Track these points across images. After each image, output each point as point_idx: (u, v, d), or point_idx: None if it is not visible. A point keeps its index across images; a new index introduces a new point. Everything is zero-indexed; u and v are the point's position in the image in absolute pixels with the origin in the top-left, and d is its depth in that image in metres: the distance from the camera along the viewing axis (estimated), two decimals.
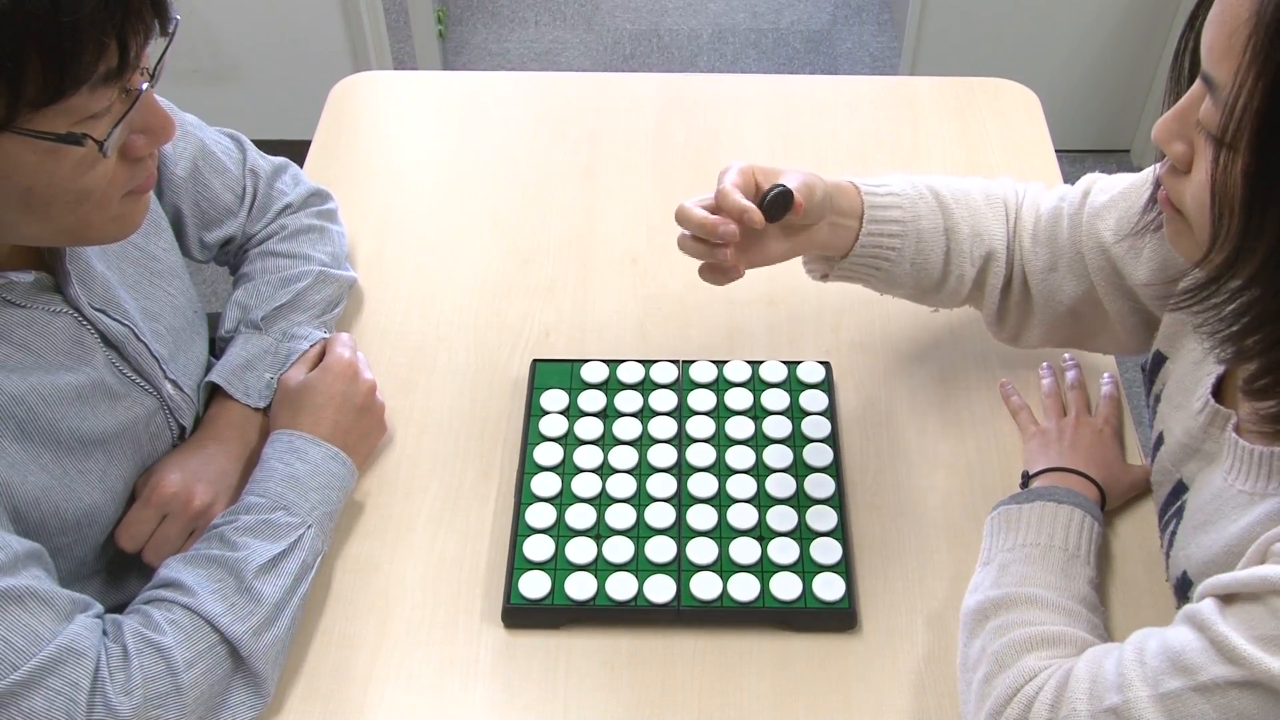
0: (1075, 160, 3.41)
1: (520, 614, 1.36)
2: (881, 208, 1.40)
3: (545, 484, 1.45)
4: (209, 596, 1.20)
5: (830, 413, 1.53)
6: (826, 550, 1.39)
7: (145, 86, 1.10)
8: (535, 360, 1.60)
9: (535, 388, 1.56)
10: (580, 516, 1.42)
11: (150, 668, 1.14)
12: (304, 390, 1.41)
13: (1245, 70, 0.92)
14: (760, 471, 1.47)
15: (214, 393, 1.46)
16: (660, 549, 1.39)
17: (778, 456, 1.48)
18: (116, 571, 1.39)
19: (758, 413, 1.53)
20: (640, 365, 1.58)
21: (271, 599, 1.23)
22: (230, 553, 1.24)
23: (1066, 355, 1.59)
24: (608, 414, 1.54)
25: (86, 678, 1.11)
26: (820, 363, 1.58)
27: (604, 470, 1.47)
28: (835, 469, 1.47)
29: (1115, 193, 1.38)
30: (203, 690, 1.17)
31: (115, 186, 1.14)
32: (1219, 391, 1.22)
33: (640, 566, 1.38)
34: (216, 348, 1.53)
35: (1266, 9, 0.90)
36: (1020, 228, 1.43)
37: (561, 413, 1.53)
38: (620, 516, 1.42)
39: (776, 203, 1.29)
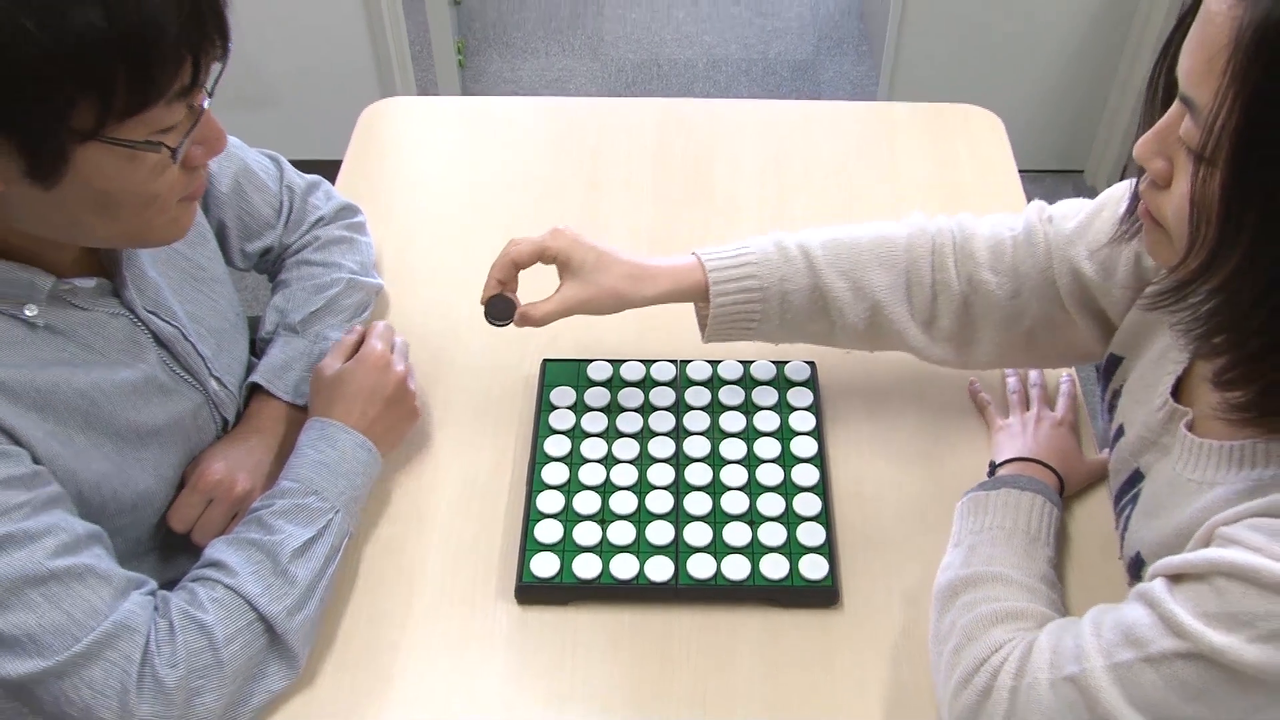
0: (1035, 179, 3.41)
1: (532, 591, 1.35)
2: (730, 279, 1.40)
3: (555, 473, 1.45)
4: (249, 577, 1.20)
5: (815, 408, 1.53)
6: (811, 533, 1.39)
7: (207, 103, 1.12)
8: (545, 360, 1.59)
9: (545, 385, 1.56)
10: (587, 502, 1.42)
11: (193, 643, 1.15)
12: (337, 381, 1.40)
13: (1225, 91, 0.91)
14: (751, 462, 1.47)
15: (254, 390, 1.46)
16: (660, 532, 1.39)
17: (767, 448, 1.48)
18: (168, 550, 1.39)
19: (749, 408, 1.53)
20: (641, 364, 1.58)
21: (304, 581, 1.23)
22: (268, 536, 1.24)
23: None
24: (612, 409, 1.53)
25: (138, 651, 1.12)
26: (806, 362, 1.58)
27: (608, 460, 1.47)
28: (820, 459, 1.47)
29: (1080, 219, 1.36)
30: (241, 664, 1.17)
31: (174, 192, 1.15)
32: (1176, 392, 1.23)
33: (641, 548, 1.38)
34: (257, 348, 1.53)
35: (1244, 34, 0.89)
36: (973, 264, 1.40)
37: (569, 408, 1.53)
38: (623, 502, 1.42)
39: (494, 308, 1.42)
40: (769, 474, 1.45)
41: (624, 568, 1.36)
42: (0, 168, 1.03)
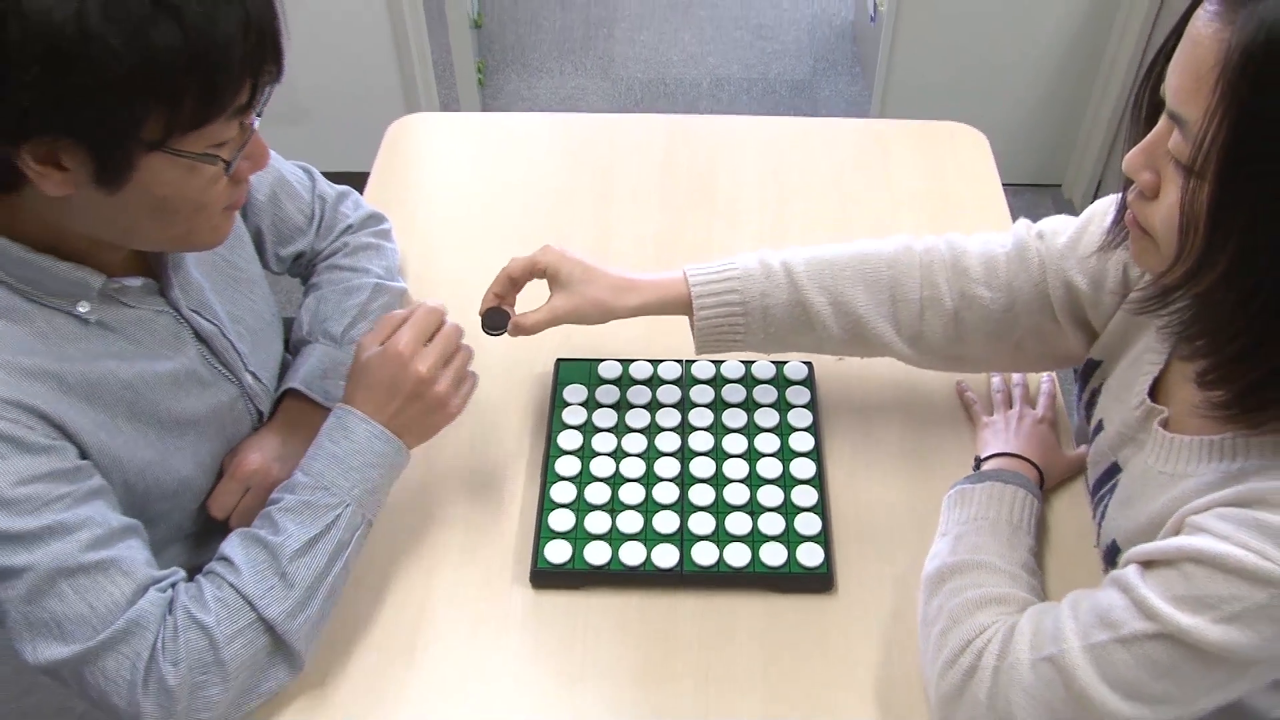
0: (1016, 192, 3.41)
1: (546, 577, 1.35)
2: (713, 294, 1.40)
3: (567, 465, 1.45)
4: (251, 578, 1.18)
5: (812, 405, 1.52)
6: (808, 523, 1.38)
7: (256, 123, 1.14)
8: (559, 359, 1.59)
9: (559, 382, 1.56)
10: (597, 493, 1.42)
11: (195, 643, 1.13)
12: (362, 369, 1.31)
13: (1214, 108, 0.92)
14: (752, 456, 1.46)
15: (288, 393, 1.45)
16: (666, 521, 1.39)
17: (767, 443, 1.47)
18: (207, 535, 1.39)
19: (750, 405, 1.53)
20: (649, 364, 1.58)
21: (304, 583, 1.19)
22: (273, 536, 1.20)
23: None
24: (621, 405, 1.53)
25: (146, 649, 1.12)
26: (804, 362, 1.57)
27: (618, 454, 1.47)
28: (816, 454, 1.46)
29: (1070, 234, 1.36)
30: (243, 661, 1.16)
31: (220, 201, 1.16)
32: (1153, 392, 1.23)
33: (649, 536, 1.38)
34: (291, 346, 1.53)
35: (1232, 56, 0.90)
36: (967, 280, 1.39)
37: (581, 404, 1.53)
38: (632, 493, 1.42)
39: (490, 319, 1.43)
40: (768, 467, 1.45)
41: (632, 555, 1.35)
42: (72, 172, 1.05)
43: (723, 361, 1.57)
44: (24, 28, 0.95)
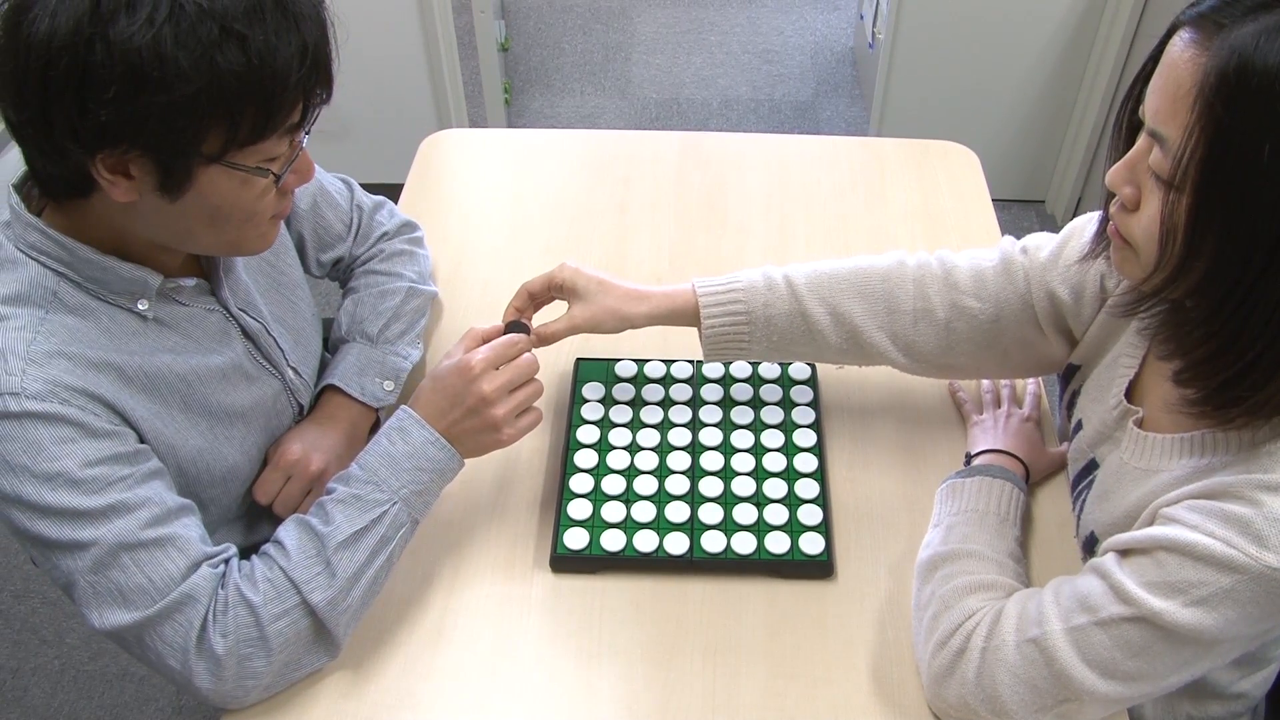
0: (1003, 207, 3.40)
1: (565, 562, 1.35)
2: (719, 304, 1.40)
3: (586, 458, 1.44)
4: (299, 564, 1.17)
5: (815, 404, 1.52)
6: (810, 514, 1.38)
7: (305, 140, 1.15)
8: (578, 359, 1.59)
9: (578, 380, 1.55)
10: (613, 484, 1.41)
11: (241, 618, 1.14)
12: (432, 377, 1.30)
13: (1193, 127, 0.92)
14: (758, 450, 1.46)
15: (327, 388, 1.45)
16: (677, 511, 1.38)
17: (772, 439, 1.47)
18: (253, 518, 1.40)
19: (756, 403, 1.52)
20: (663, 363, 1.57)
21: (346, 574, 1.18)
22: (323, 526, 1.19)
23: None
24: (636, 402, 1.52)
25: (198, 619, 1.13)
26: (807, 363, 1.57)
27: (633, 448, 1.46)
28: (818, 449, 1.46)
29: (1053, 249, 1.35)
30: (287, 639, 1.16)
31: (268, 210, 1.17)
32: (1129, 393, 1.23)
33: (661, 525, 1.37)
34: (330, 345, 1.53)
35: (1209, 79, 0.91)
36: (957, 293, 1.38)
37: (599, 401, 1.52)
38: (645, 485, 1.41)
39: (511, 330, 1.38)
40: (773, 461, 1.44)
41: (645, 542, 1.35)
42: (138, 181, 1.06)
43: (731, 363, 1.56)
44: (107, 50, 0.97)
